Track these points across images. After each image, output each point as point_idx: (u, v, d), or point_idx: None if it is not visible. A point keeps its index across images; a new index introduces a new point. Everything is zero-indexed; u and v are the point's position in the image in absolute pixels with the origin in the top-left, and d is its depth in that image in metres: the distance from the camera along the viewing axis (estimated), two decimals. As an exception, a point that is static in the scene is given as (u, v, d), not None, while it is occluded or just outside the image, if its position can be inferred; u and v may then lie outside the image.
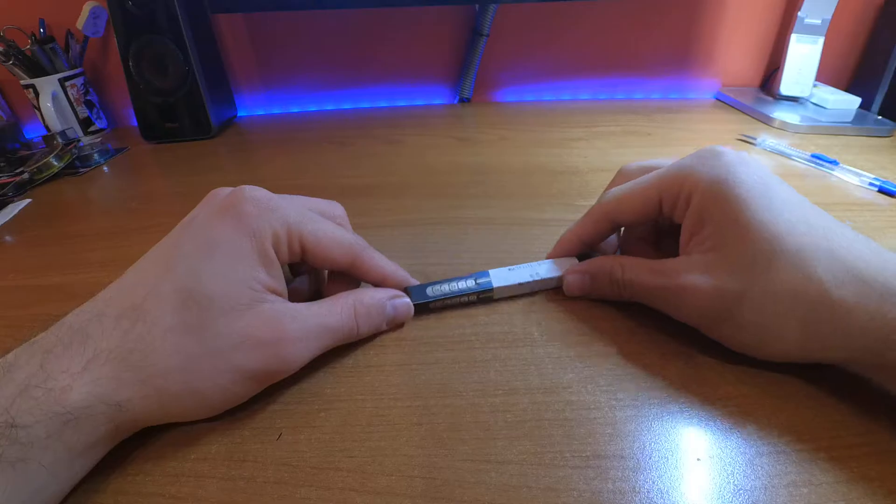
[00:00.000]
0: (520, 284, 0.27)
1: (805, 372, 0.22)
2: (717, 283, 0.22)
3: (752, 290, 0.21)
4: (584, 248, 0.29)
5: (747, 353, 0.22)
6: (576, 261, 0.28)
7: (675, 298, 0.23)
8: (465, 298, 0.27)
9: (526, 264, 0.28)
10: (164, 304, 0.19)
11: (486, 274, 0.27)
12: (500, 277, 0.27)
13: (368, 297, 0.24)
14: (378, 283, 0.26)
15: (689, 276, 0.22)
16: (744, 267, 0.21)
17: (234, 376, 0.20)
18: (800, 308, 0.20)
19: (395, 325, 0.26)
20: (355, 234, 0.25)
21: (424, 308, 0.27)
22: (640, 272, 0.25)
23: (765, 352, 0.22)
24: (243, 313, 0.20)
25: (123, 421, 0.18)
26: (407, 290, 0.26)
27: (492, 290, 0.27)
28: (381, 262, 0.25)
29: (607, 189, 0.29)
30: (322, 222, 0.24)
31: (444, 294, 0.26)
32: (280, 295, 0.22)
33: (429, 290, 0.26)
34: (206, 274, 0.20)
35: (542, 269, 0.28)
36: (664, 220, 0.26)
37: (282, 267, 0.23)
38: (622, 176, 0.29)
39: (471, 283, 0.27)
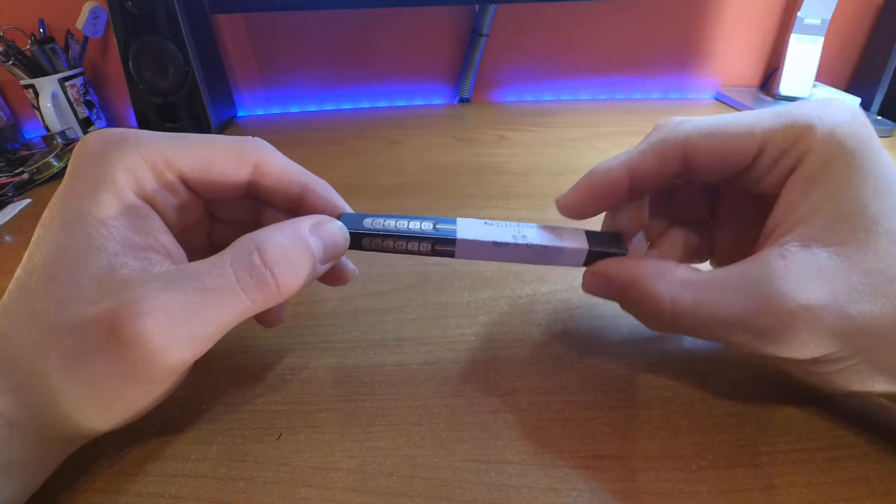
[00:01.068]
0: (496, 245, 0.19)
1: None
2: (842, 306, 0.14)
3: (884, 320, 0.15)
4: (628, 196, 0.19)
5: (819, 389, 0.18)
6: (582, 234, 0.20)
7: (773, 334, 0.15)
8: (417, 245, 0.20)
9: (512, 223, 0.20)
10: (17, 302, 0.16)
11: (453, 221, 0.20)
12: (470, 229, 0.20)
13: (278, 234, 0.17)
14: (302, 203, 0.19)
15: (800, 292, 0.15)
16: (886, 281, 0.15)
17: (90, 378, 0.15)
18: None
19: (330, 261, 0.18)
20: (257, 139, 0.19)
21: (356, 244, 0.19)
22: (702, 291, 0.16)
23: (845, 389, 0.17)
24: (89, 287, 0.15)
25: (28, 431, 0.16)
26: (340, 217, 0.20)
27: (454, 241, 0.19)
28: (287, 162, 0.19)
29: (635, 151, 0.19)
30: (205, 138, 0.18)
31: (387, 231, 0.19)
32: (162, 253, 0.17)
33: (367, 221, 0.19)
34: (48, 253, 0.16)
35: (532, 234, 0.20)
36: (733, 184, 0.18)
37: (180, 218, 0.18)
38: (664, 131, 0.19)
39: (427, 225, 0.19)
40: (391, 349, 0.25)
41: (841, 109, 0.16)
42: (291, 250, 0.17)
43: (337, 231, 0.18)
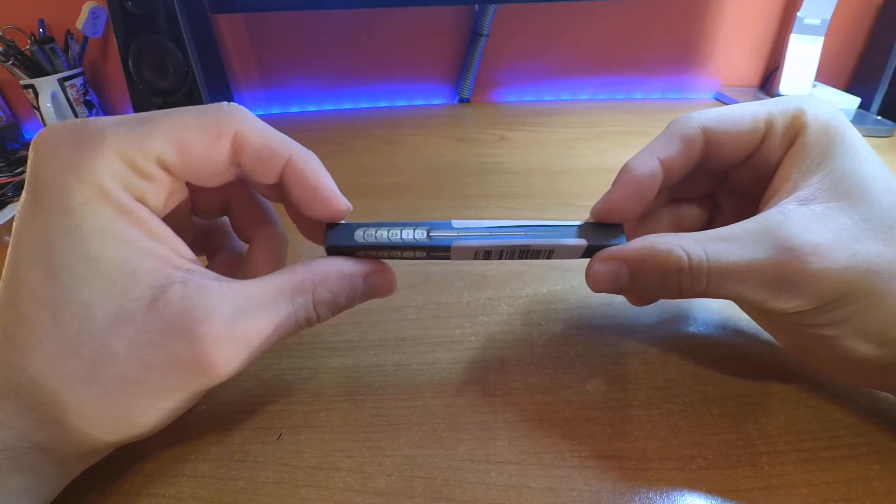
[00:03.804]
0: (489, 250, 0.19)
1: (805, 372, 0.22)
2: (846, 244, 0.15)
3: (889, 257, 0.15)
4: (661, 181, 0.19)
5: (813, 351, 0.19)
6: (576, 227, 0.19)
7: (786, 279, 0.16)
8: (412, 254, 0.19)
9: (511, 223, 0.19)
10: (37, 337, 0.14)
11: (447, 225, 0.19)
12: (465, 237, 0.19)
13: (335, 275, 0.18)
14: (303, 191, 0.18)
15: (806, 234, 0.15)
16: (884, 226, 0.16)
17: (154, 400, 0.16)
18: None
19: (366, 300, 0.19)
20: (232, 104, 0.17)
21: (349, 255, 0.19)
22: (720, 246, 0.16)
23: (842, 347, 0.17)
24: (140, 311, 0.15)
25: (65, 456, 0.16)
26: (328, 227, 0.19)
27: (448, 248, 0.19)
28: (268, 131, 0.18)
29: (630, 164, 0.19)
30: (174, 112, 0.16)
31: (381, 244, 0.18)
32: (185, 256, 0.16)
33: (358, 234, 0.19)
34: (63, 277, 0.14)
35: (528, 235, 0.19)
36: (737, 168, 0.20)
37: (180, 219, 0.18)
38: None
39: (421, 234, 0.19)
40: (391, 349, 0.25)
41: (823, 103, 0.18)
42: (342, 294, 0.18)
43: (389, 283, 0.19)
